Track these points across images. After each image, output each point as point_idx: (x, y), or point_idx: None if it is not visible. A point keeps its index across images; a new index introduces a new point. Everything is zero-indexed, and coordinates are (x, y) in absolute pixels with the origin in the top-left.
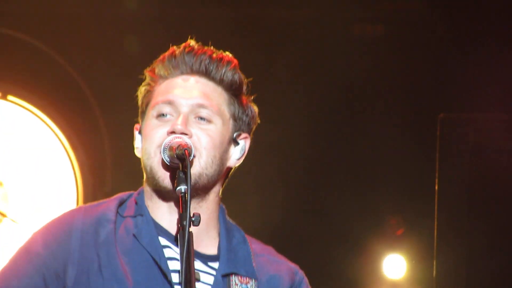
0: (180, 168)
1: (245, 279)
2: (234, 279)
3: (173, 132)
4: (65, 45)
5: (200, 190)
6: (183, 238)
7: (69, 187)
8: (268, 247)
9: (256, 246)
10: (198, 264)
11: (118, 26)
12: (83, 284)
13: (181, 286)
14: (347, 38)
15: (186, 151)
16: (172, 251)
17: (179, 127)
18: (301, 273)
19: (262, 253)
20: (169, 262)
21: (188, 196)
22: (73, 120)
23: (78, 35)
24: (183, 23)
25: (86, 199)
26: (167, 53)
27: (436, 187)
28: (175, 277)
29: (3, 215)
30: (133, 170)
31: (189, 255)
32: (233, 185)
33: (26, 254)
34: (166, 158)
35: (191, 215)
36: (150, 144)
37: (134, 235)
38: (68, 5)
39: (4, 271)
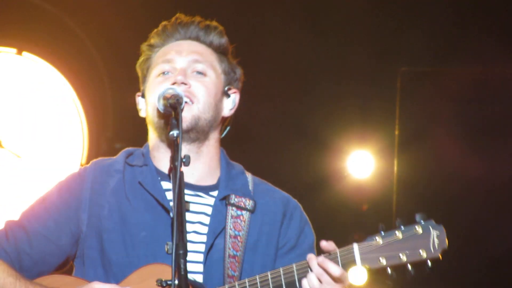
0: (173, 115)
1: (241, 199)
2: (233, 199)
3: (175, 83)
4: (74, 9)
5: (200, 134)
6: (174, 176)
7: (76, 131)
8: (266, 181)
9: (255, 179)
10: (200, 194)
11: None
12: (95, 226)
13: (174, 217)
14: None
15: (178, 99)
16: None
17: (179, 77)
18: (294, 201)
19: (260, 183)
20: (171, 202)
21: (179, 140)
22: (80, 73)
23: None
24: None
25: (91, 142)
26: (160, 26)
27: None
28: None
29: (18, 157)
30: (131, 117)
31: (180, 190)
32: None
33: (43, 203)
34: (161, 107)
35: (182, 156)
36: (154, 96)
37: (139, 183)
38: None
39: (23, 215)
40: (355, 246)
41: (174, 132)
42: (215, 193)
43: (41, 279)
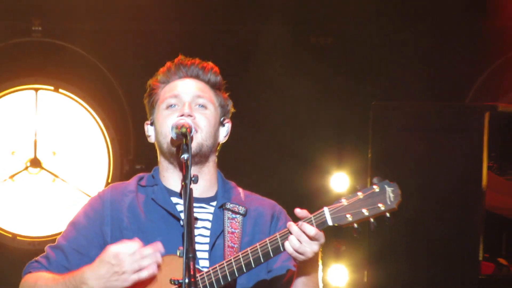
0: (184, 142)
1: (235, 205)
2: (228, 207)
3: (182, 115)
4: (101, 53)
5: (203, 158)
6: (185, 191)
7: (103, 156)
8: (256, 194)
9: (245, 191)
10: (203, 205)
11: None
12: (117, 237)
13: (184, 225)
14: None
15: (188, 129)
16: (181, 206)
17: (186, 111)
18: (279, 206)
19: (249, 195)
20: (181, 214)
21: (189, 162)
22: (106, 107)
23: (115, 47)
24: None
25: (115, 164)
26: (165, 66)
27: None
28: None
29: (56, 176)
30: (149, 142)
31: (190, 203)
32: None
33: (73, 225)
34: (174, 135)
35: (192, 176)
36: (165, 127)
37: (152, 199)
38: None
39: (58, 239)
40: (326, 209)
41: (185, 156)
42: (214, 203)
43: None
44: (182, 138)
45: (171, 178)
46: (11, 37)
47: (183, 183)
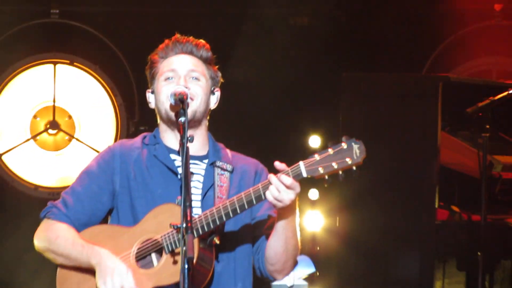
0: (181, 107)
1: (224, 163)
2: (218, 164)
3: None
4: (112, 34)
5: (196, 122)
6: (182, 150)
7: (112, 119)
8: (241, 154)
9: (233, 152)
10: (196, 161)
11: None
12: (125, 186)
13: (182, 178)
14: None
15: (184, 96)
16: (179, 162)
17: (182, 83)
18: (262, 165)
19: (236, 155)
20: (178, 169)
21: (186, 124)
22: (114, 78)
23: (121, 27)
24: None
25: (122, 126)
26: (164, 43)
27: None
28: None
29: (71, 136)
30: (151, 109)
31: (186, 160)
32: None
33: (86, 174)
34: (172, 101)
35: (188, 136)
36: (163, 95)
37: (154, 155)
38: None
39: (72, 186)
40: (301, 163)
41: (182, 119)
42: (206, 160)
43: (88, 230)
44: (180, 103)
45: (170, 138)
46: (32, 19)
47: (180, 142)
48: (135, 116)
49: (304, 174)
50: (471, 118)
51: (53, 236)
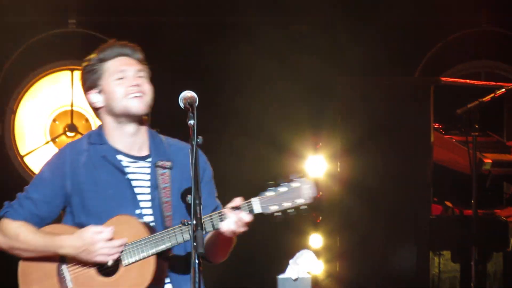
0: (190, 110)
1: (164, 163)
2: (159, 164)
3: (136, 85)
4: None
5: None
6: (192, 150)
7: None
8: (173, 139)
9: (167, 139)
10: (140, 162)
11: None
12: (76, 190)
13: (192, 178)
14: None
15: (194, 100)
16: (125, 162)
17: (136, 82)
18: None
19: (173, 143)
20: (126, 169)
21: (195, 126)
22: None
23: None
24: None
25: None
26: (101, 47)
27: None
28: (130, 175)
29: None
30: (163, 110)
31: (196, 161)
32: None
33: (39, 178)
34: (182, 105)
35: (197, 138)
36: (118, 94)
37: (102, 156)
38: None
39: (27, 189)
40: (255, 199)
41: (191, 121)
42: (149, 159)
43: (45, 228)
44: (189, 107)
45: (117, 137)
46: (51, 29)
47: (190, 144)
48: (148, 119)
49: (257, 211)
50: (461, 118)
51: (14, 234)
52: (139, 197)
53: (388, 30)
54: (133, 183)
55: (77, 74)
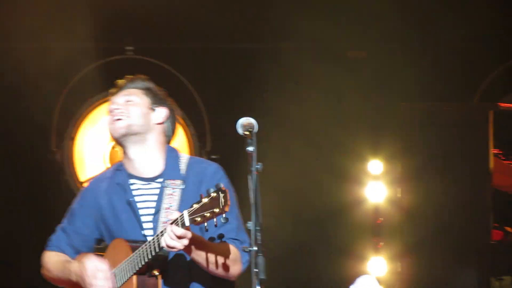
0: (249, 136)
1: (173, 181)
2: (166, 184)
3: (117, 109)
4: (183, 68)
5: (136, 136)
6: (252, 177)
7: (185, 149)
8: (202, 159)
9: (191, 158)
10: (148, 183)
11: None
12: (100, 216)
13: (253, 202)
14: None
15: (250, 127)
16: (137, 185)
17: (113, 106)
18: (212, 169)
19: (192, 161)
20: (133, 192)
21: (254, 154)
22: (186, 109)
23: (191, 62)
24: None
25: (195, 155)
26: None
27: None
28: (137, 197)
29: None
30: (222, 135)
31: (256, 186)
32: None
33: (70, 211)
34: (241, 132)
35: (256, 163)
36: (108, 121)
37: (117, 183)
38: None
39: (63, 221)
40: (185, 212)
41: (250, 148)
42: (160, 180)
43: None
44: (248, 134)
45: (126, 161)
46: (108, 56)
47: (250, 170)
48: (207, 146)
49: (187, 223)
50: None
51: (44, 264)
52: (143, 218)
53: (447, 55)
54: (139, 205)
55: None
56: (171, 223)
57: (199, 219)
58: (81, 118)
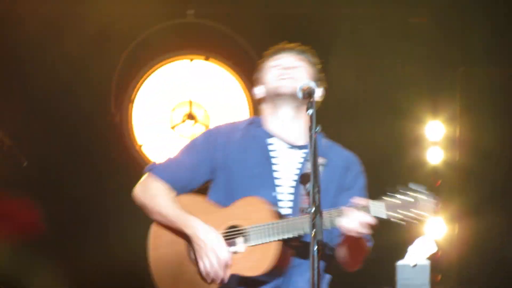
0: (309, 100)
1: (319, 158)
2: None
3: (286, 68)
4: (245, 31)
5: (299, 101)
6: (311, 140)
7: (245, 113)
8: (338, 145)
9: (330, 142)
10: (294, 150)
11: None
12: (225, 164)
13: (311, 166)
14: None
15: (311, 90)
16: (275, 146)
17: (286, 70)
18: (355, 159)
19: (333, 146)
20: (271, 153)
21: (313, 116)
22: (246, 72)
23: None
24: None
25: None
26: (271, 48)
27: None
28: (275, 159)
29: (207, 127)
30: None
31: (315, 149)
32: None
33: (191, 145)
34: (300, 95)
35: (316, 128)
36: (271, 77)
37: (253, 137)
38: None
39: (177, 154)
40: (380, 204)
41: (310, 111)
42: (305, 151)
43: (184, 197)
44: (308, 97)
45: (272, 121)
46: (169, 19)
47: (309, 134)
48: None
49: (383, 215)
50: None
51: (153, 194)
52: (278, 182)
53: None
54: (276, 167)
55: (196, 62)
56: (359, 208)
57: (399, 215)
58: (140, 81)
